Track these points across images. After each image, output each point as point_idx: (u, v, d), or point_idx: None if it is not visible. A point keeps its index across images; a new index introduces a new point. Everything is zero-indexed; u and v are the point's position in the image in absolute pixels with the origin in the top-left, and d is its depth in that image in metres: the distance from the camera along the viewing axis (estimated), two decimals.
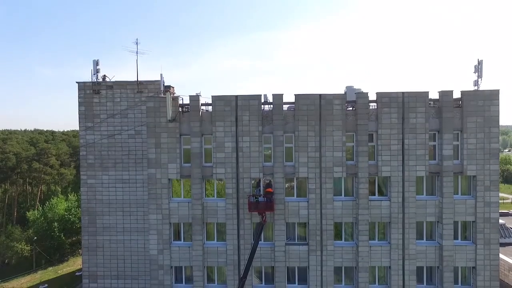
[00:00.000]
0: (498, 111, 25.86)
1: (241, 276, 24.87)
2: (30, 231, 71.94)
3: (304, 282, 27.24)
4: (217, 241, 27.43)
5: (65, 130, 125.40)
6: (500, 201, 30.56)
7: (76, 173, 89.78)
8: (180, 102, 27.13)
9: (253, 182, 26.81)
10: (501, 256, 44.72)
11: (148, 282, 33.43)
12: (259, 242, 26.34)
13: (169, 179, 27.03)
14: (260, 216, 25.83)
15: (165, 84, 27.75)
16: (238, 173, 26.69)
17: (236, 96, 26.52)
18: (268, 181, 26.70)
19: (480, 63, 26.66)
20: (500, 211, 29.85)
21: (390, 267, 26.59)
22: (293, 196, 27.01)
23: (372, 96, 26.38)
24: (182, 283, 27.74)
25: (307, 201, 26.61)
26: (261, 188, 26.39)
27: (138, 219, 34.04)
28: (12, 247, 68.37)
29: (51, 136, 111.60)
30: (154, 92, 32.57)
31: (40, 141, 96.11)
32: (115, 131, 33.69)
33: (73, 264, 71.85)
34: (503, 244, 53.95)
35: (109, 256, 34.37)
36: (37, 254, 70.46)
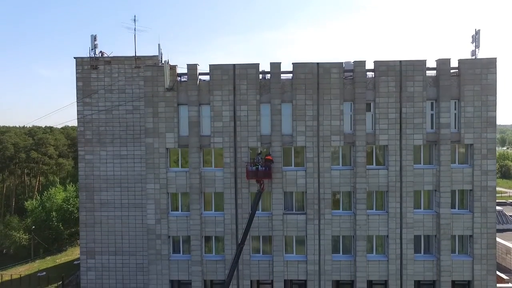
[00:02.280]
0: (495, 79, 25.90)
1: (239, 242, 24.86)
2: (28, 220, 71.82)
3: (302, 252, 27.25)
4: (214, 211, 27.41)
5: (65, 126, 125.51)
6: (497, 195, 30.63)
7: (74, 164, 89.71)
8: (178, 72, 27.09)
9: (251, 152, 26.80)
10: (498, 240, 45.07)
11: (146, 258, 33.43)
12: (257, 211, 26.43)
13: (167, 149, 27.01)
14: (258, 184, 25.84)
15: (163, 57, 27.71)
16: (236, 142, 26.68)
17: (234, 65, 26.50)
18: (263, 151, 26.67)
19: (477, 33, 26.69)
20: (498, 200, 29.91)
21: (387, 236, 26.63)
22: (291, 165, 27.00)
23: (370, 65, 26.42)
24: (179, 253, 27.72)
25: (305, 170, 26.62)
26: (259, 157, 26.30)
27: (136, 195, 34.01)
28: (10, 235, 68.21)
29: (49, 129, 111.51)
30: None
31: (38, 133, 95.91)
32: (113, 106, 33.65)
33: (71, 254, 71.77)
34: (500, 230, 54.39)
35: (106, 232, 34.34)
36: (35, 244, 70.37)
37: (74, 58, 33.89)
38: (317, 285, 26.78)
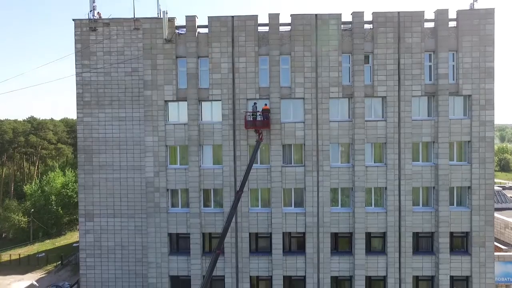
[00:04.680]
0: (493, 30, 25.94)
1: (237, 190, 24.85)
2: (28, 203, 71.80)
3: (300, 205, 27.25)
4: (213, 164, 27.40)
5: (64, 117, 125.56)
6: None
7: (73, 150, 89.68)
8: (177, 24, 27.08)
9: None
10: (496, 215, 45.27)
11: (145, 220, 33.43)
12: (256, 164, 26.44)
13: (165, 101, 27.00)
14: (257, 134, 25.86)
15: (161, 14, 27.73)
16: (234, 94, 26.70)
17: (232, 17, 26.52)
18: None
19: None
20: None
21: (386, 188, 26.65)
22: (290, 117, 27.01)
23: (368, 17, 26.45)
24: (178, 207, 27.71)
25: (303, 122, 26.63)
26: (256, 107, 26.27)
27: (135, 157, 34.01)
28: (9, 218, 68.15)
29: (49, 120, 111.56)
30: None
31: (37, 121, 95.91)
32: (112, 68, 33.64)
33: (70, 237, 71.86)
34: (499, 209, 54.51)
35: (105, 194, 34.32)
36: (35, 228, 70.35)
37: (73, 20, 33.88)
38: (316, 238, 26.79)
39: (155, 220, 27.19)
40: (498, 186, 66.49)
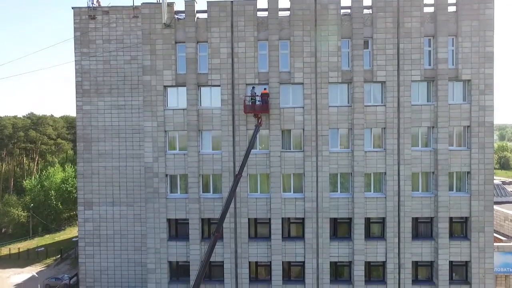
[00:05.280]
0: (492, 14, 25.88)
1: (236, 173, 24.78)
2: (27, 198, 71.75)
3: (299, 190, 27.21)
4: (212, 149, 27.36)
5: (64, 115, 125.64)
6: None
7: (73, 146, 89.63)
8: (176, 9, 27.03)
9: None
10: (496, 207, 45.29)
11: (144, 209, 33.41)
12: (255, 150, 26.41)
13: (164, 86, 26.97)
14: (256, 118, 25.82)
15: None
16: (234, 79, 26.66)
17: (232, 2, 26.48)
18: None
19: None
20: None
21: (385, 173, 26.61)
22: (289, 103, 26.97)
23: (367, 1, 26.42)
24: (177, 193, 27.66)
25: (303, 107, 26.59)
26: (254, 91, 26.23)
27: (134, 145, 34.00)
28: (8, 212, 68.08)
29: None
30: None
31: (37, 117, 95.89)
32: (111, 56, 33.62)
33: (70, 232, 71.86)
34: (499, 203, 54.51)
35: (104, 183, 34.31)
36: (34, 223, 70.34)
37: (72, 8, 33.86)
38: (315, 223, 26.74)
39: (154, 205, 27.15)
40: (499, 180, 66.43)
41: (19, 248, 62.41)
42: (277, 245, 26.72)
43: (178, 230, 27.85)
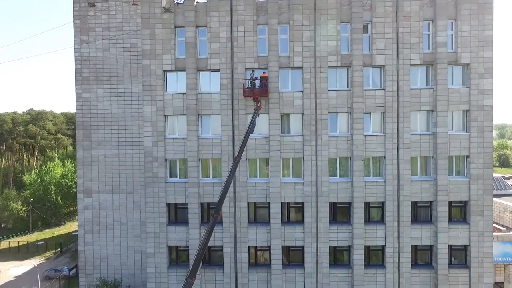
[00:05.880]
0: None
1: (235, 156, 24.75)
2: (27, 192, 71.71)
3: (298, 175, 27.20)
4: (211, 134, 27.36)
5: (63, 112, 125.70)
6: None
7: (73, 142, 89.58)
8: None
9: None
10: (495, 199, 45.36)
11: (143, 196, 33.44)
12: (254, 134, 26.37)
13: (164, 71, 26.97)
14: (255, 102, 25.83)
15: None
16: (233, 63, 26.67)
17: None
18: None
19: None
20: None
21: (384, 157, 26.61)
22: (288, 87, 26.98)
23: None
24: (176, 177, 27.66)
25: (302, 91, 26.60)
26: (253, 75, 26.21)
27: (133, 132, 33.99)
28: (8, 206, 68.04)
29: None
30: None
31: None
32: (110, 44, 33.61)
33: (70, 227, 71.90)
34: (498, 195, 54.58)
35: (104, 170, 34.31)
36: (34, 219, 70.31)
37: None
38: (314, 207, 26.75)
39: (153, 190, 27.15)
40: (496, 174, 66.40)
41: (18, 242, 62.42)
42: (276, 229, 26.72)
43: (177, 215, 27.83)
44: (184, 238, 27.27)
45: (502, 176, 63.81)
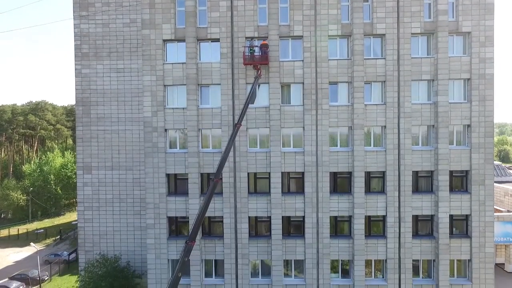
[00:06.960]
0: None
1: (236, 122, 24.63)
2: (26, 181, 71.59)
3: (299, 146, 27.05)
4: (211, 104, 27.23)
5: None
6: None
7: (72, 133, 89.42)
8: None
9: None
10: (497, 184, 45.28)
11: (143, 172, 33.31)
12: (254, 105, 26.28)
13: (164, 40, 26.85)
14: (255, 70, 25.71)
15: None
16: (233, 32, 26.54)
17: None
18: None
19: None
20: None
21: (385, 126, 26.48)
22: (288, 56, 26.86)
23: None
24: (176, 148, 27.52)
25: (302, 60, 26.48)
26: (253, 42, 26.09)
27: (133, 108, 33.85)
28: (7, 195, 67.95)
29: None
30: None
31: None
32: (110, 19, 33.48)
33: (69, 217, 71.83)
34: (498, 182, 54.58)
35: (103, 147, 34.17)
36: (34, 209, 70.20)
37: None
38: (315, 177, 26.61)
39: (153, 160, 27.02)
40: (496, 162, 66.41)
41: (18, 230, 62.35)
42: (276, 199, 26.58)
43: (177, 186, 27.69)
44: (184, 209, 27.13)
45: (501, 164, 63.78)
